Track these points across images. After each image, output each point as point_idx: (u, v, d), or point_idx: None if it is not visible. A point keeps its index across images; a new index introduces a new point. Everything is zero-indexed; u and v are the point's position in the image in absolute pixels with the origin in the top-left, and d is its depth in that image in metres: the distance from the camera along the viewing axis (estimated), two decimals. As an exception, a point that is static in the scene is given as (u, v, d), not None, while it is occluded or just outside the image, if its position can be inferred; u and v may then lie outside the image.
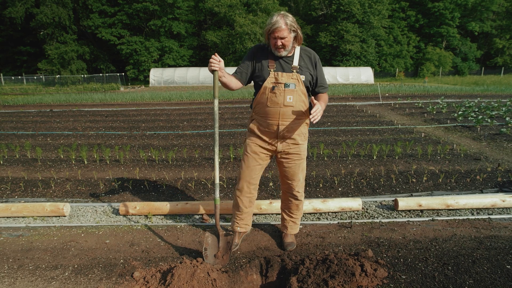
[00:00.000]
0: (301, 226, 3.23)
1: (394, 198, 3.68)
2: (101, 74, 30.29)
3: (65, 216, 3.55)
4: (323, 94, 2.72)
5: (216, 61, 2.46)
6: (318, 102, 2.45)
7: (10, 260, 2.71)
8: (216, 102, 2.63)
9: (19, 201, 4.01)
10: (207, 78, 27.60)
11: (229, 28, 33.35)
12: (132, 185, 4.41)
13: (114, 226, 3.32)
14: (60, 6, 31.51)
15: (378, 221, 3.34)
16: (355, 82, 27.08)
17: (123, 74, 31.19)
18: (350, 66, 32.07)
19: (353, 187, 4.28)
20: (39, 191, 4.28)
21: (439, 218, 3.38)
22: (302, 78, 2.55)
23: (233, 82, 2.63)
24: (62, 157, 5.85)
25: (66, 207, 3.52)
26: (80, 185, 4.45)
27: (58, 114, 11.35)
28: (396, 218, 3.45)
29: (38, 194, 4.20)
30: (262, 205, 3.47)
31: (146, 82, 30.65)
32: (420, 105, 11.80)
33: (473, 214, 3.51)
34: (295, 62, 2.56)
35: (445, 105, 11.00)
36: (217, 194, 2.70)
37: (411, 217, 3.47)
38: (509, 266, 2.46)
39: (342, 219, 3.43)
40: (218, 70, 2.48)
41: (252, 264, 2.60)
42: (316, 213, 3.54)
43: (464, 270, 2.43)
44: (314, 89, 2.70)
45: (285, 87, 2.51)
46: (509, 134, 7.04)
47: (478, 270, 2.43)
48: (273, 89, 2.53)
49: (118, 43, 32.93)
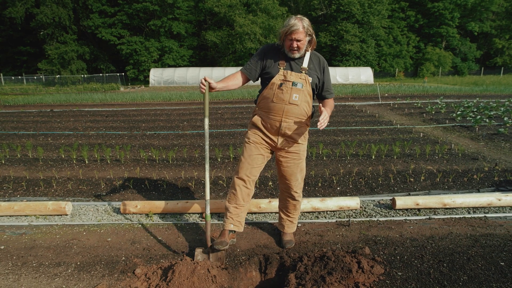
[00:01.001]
0: (299, 225, 3.28)
1: (392, 197, 3.73)
2: (101, 74, 30.33)
3: (67, 214, 3.60)
4: (329, 100, 2.78)
5: (203, 85, 2.60)
6: (325, 109, 2.54)
7: (14, 257, 2.76)
8: (206, 121, 2.67)
9: (21, 200, 4.06)
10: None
11: (229, 28, 33.38)
12: (133, 184, 4.46)
13: (115, 225, 3.37)
14: (60, 6, 31.55)
15: (375, 219, 3.39)
16: (355, 82, 27.11)
17: (123, 74, 31.23)
18: (349, 66, 32.06)
19: (351, 186, 4.33)
20: (41, 190, 4.33)
21: (436, 217, 3.43)
22: (310, 79, 2.61)
23: (230, 84, 2.71)
24: (63, 156, 5.90)
25: (68, 206, 3.57)
26: (81, 184, 4.49)
27: (59, 114, 11.40)
28: (393, 216, 3.50)
29: (40, 193, 4.25)
30: (261, 204, 3.52)
31: (146, 82, 30.67)
32: (419, 105, 11.85)
33: (469, 213, 3.56)
34: (305, 64, 2.63)
35: (444, 105, 11.05)
36: (208, 210, 2.69)
37: (409, 215, 3.52)
38: (502, 263, 2.52)
39: (340, 218, 3.48)
40: (207, 92, 2.61)
41: (251, 261, 2.65)
42: (314, 211, 3.59)
43: (459, 267, 2.48)
44: (320, 93, 2.76)
45: (292, 85, 2.57)
46: (507, 134, 7.09)
47: (472, 267, 2.48)
48: (280, 86, 2.59)
49: (118, 43, 32.97)
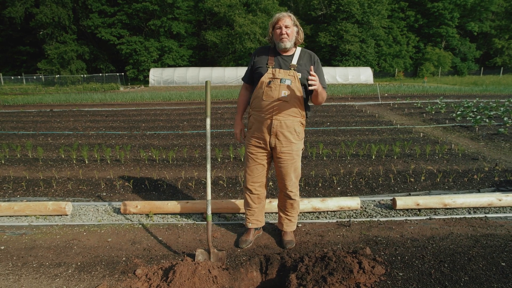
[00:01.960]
0: (300, 225, 3.28)
1: (392, 197, 3.72)
2: (100, 74, 30.33)
3: (67, 215, 3.59)
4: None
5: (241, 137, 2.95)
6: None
7: (14, 257, 2.76)
8: (208, 121, 2.67)
9: (21, 200, 4.05)
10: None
11: (228, 28, 33.37)
12: (133, 184, 4.45)
13: (115, 225, 3.37)
14: (59, 6, 31.54)
15: (376, 220, 3.39)
16: (355, 82, 27.12)
17: (123, 74, 31.22)
18: (349, 66, 32.06)
19: (352, 187, 4.33)
20: (41, 190, 4.32)
21: (437, 217, 3.43)
22: (299, 75, 2.62)
23: (245, 102, 2.93)
24: (63, 156, 5.89)
25: (68, 206, 3.56)
26: (81, 184, 4.49)
27: (58, 114, 11.39)
28: (394, 217, 3.50)
29: (40, 193, 4.24)
30: (262, 204, 3.52)
31: (146, 82, 30.66)
32: (419, 105, 11.86)
33: (470, 213, 3.55)
34: (294, 61, 2.66)
35: (443, 105, 11.05)
36: (209, 210, 2.70)
37: (409, 216, 3.52)
38: (503, 264, 2.51)
39: (341, 218, 3.48)
40: (208, 92, 2.72)
41: (252, 261, 2.65)
42: (315, 212, 3.59)
43: (460, 267, 2.48)
44: None
45: (281, 82, 2.60)
46: (507, 134, 7.09)
47: (473, 267, 2.47)
48: (269, 83, 2.62)
49: (118, 43, 32.96)
